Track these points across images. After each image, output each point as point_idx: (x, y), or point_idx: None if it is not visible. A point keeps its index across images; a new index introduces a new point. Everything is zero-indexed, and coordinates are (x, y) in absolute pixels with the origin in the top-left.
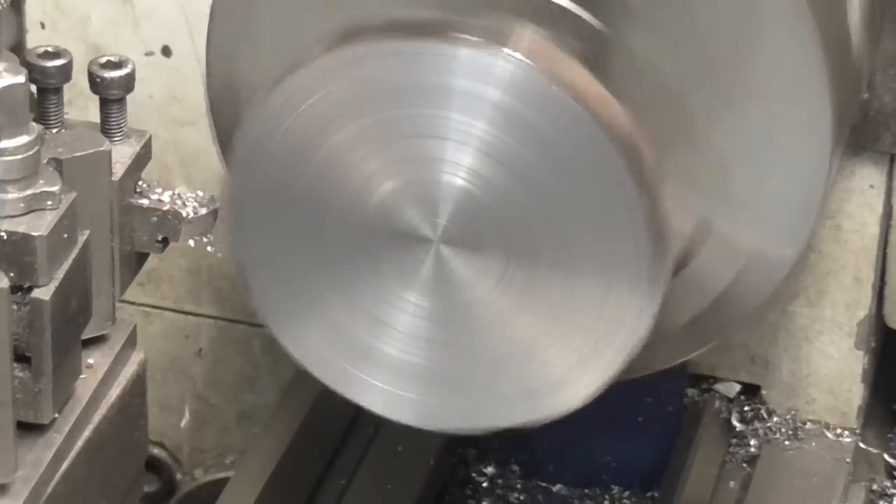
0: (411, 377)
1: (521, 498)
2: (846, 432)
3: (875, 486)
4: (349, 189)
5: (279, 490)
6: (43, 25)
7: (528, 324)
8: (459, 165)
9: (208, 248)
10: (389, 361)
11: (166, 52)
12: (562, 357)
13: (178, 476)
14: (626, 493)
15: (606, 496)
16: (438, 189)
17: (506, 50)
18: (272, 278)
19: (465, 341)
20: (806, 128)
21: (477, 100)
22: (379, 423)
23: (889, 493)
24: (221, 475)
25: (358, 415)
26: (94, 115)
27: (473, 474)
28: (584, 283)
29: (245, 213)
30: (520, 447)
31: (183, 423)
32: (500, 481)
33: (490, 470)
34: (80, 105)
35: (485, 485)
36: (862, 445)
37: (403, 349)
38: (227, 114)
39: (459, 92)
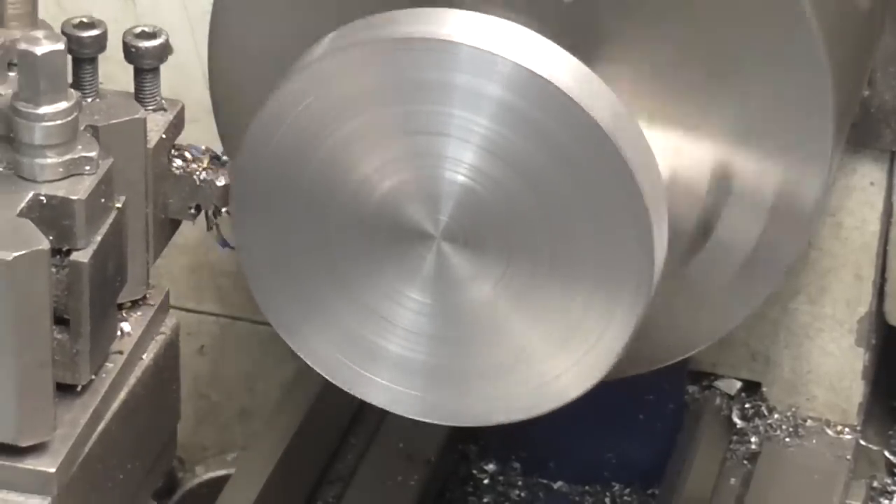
0: (413, 373)
1: (522, 495)
2: (847, 429)
3: (876, 483)
4: (351, 186)
5: (280, 487)
6: None
7: (528, 320)
8: (461, 162)
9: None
10: (391, 358)
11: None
12: (561, 353)
13: (180, 473)
14: (627, 490)
15: (607, 493)
16: (440, 186)
17: (507, 46)
18: (275, 276)
19: (466, 337)
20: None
21: (478, 96)
22: (380, 420)
23: (890, 490)
24: (223, 472)
25: (359, 412)
26: None
27: (474, 471)
28: (584, 279)
29: (248, 211)
30: (521, 444)
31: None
32: (501, 478)
33: (491, 467)
34: None
35: (486, 482)
36: (862, 442)
37: (405, 346)
38: (229, 112)
39: (461, 88)
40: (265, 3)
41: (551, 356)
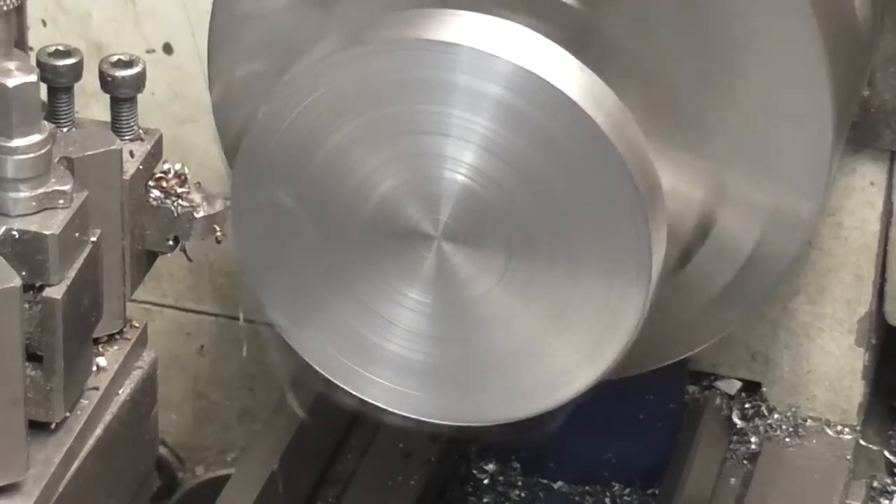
0: (413, 373)
1: (522, 495)
2: (847, 429)
3: (875, 483)
4: (351, 186)
5: (280, 487)
6: (44, 23)
7: (528, 320)
8: (461, 162)
9: (218, 234)
10: (391, 358)
11: (168, 49)
12: (561, 352)
13: (180, 473)
14: (627, 490)
15: (607, 493)
16: (440, 186)
17: (507, 47)
18: (276, 276)
19: (466, 337)
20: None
21: (478, 96)
22: (380, 420)
23: (890, 489)
24: (223, 472)
25: (359, 411)
26: (97, 113)
27: (474, 471)
28: (583, 278)
29: (248, 212)
30: (521, 444)
31: (183, 421)
32: (500, 478)
33: (491, 467)
34: (81, 103)
35: (486, 482)
36: (862, 442)
37: (405, 346)
38: (228, 111)
39: (461, 88)
40: (265, 2)
41: (551, 355)
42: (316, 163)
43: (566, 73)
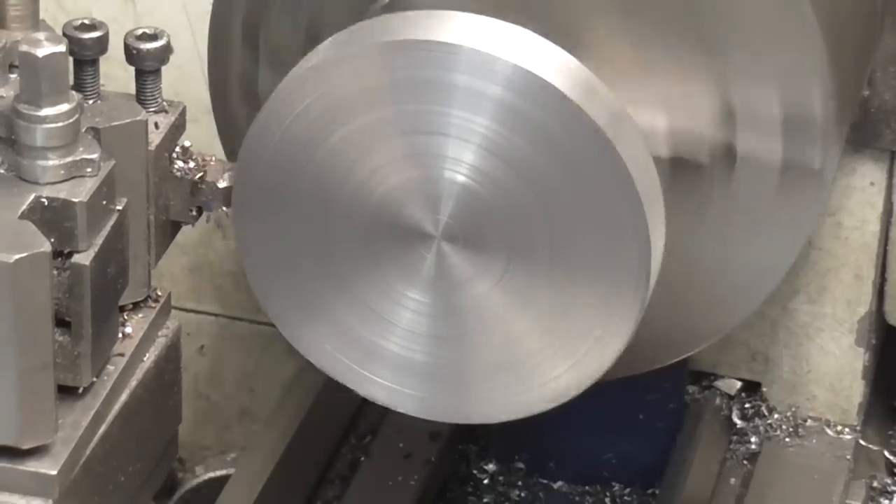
0: (413, 373)
1: (523, 495)
2: (847, 429)
3: (875, 483)
4: (351, 186)
5: (280, 487)
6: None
7: (528, 320)
8: (461, 162)
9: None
10: (391, 358)
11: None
12: (560, 352)
13: (180, 473)
14: (627, 490)
15: (607, 493)
16: (440, 186)
17: (507, 47)
18: (277, 276)
19: (465, 337)
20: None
21: (478, 96)
22: (380, 420)
23: (890, 490)
24: (222, 472)
25: (359, 411)
26: None
27: (475, 471)
28: (583, 278)
29: (249, 211)
30: (521, 444)
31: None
32: (501, 478)
33: (491, 467)
34: None
35: (486, 482)
36: (862, 442)
37: (405, 346)
38: (229, 111)
39: (461, 88)
40: (265, 2)
41: (551, 355)
42: (316, 163)
43: (565, 73)
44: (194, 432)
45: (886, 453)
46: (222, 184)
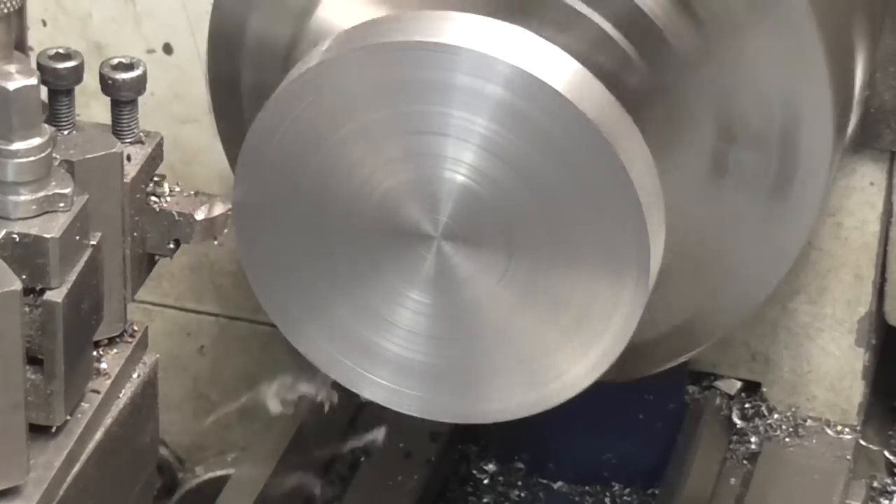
0: (413, 373)
1: (522, 495)
2: (847, 429)
3: (875, 483)
4: (351, 186)
5: (280, 488)
6: (44, 23)
7: (527, 319)
8: (461, 162)
9: (215, 243)
10: (392, 358)
11: (167, 49)
12: (561, 351)
13: (180, 473)
14: (627, 490)
15: (607, 493)
16: (440, 186)
17: (506, 48)
18: (278, 277)
19: (466, 337)
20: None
21: (478, 96)
22: (380, 420)
23: (890, 490)
24: (223, 472)
25: (359, 411)
26: (97, 114)
27: (474, 471)
28: (582, 277)
29: (249, 212)
30: (521, 444)
31: (183, 420)
32: (501, 478)
33: (491, 467)
34: (82, 103)
35: (486, 482)
36: (862, 442)
37: (406, 346)
38: (228, 111)
39: (460, 88)
40: (265, 2)
41: (552, 353)
42: (317, 163)
43: (565, 73)
44: (194, 432)
45: (886, 453)
46: (200, 216)
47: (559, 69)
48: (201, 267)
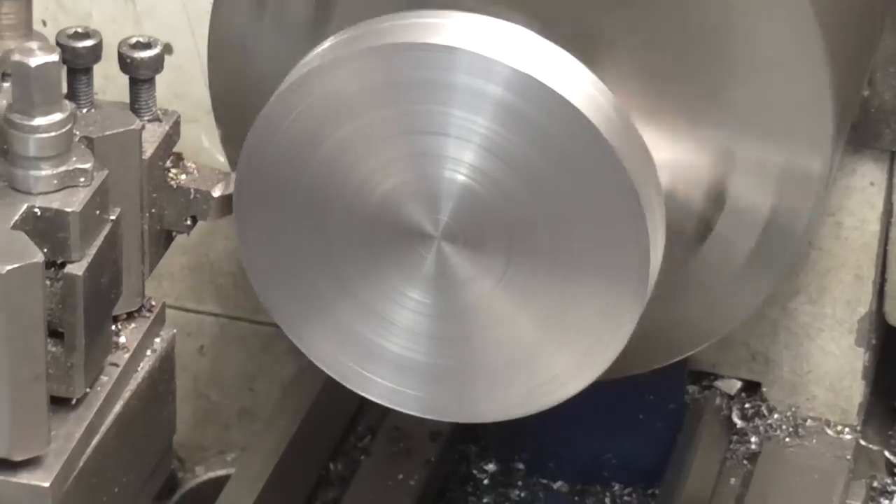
0: (413, 373)
1: (522, 495)
2: (847, 429)
3: (876, 483)
4: (352, 186)
5: (280, 487)
6: (44, 23)
7: (527, 319)
8: (461, 162)
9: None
10: (392, 358)
11: (167, 49)
12: (561, 351)
13: (180, 473)
14: (627, 490)
15: (607, 493)
16: (440, 186)
17: (506, 49)
18: (278, 277)
19: (466, 337)
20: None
21: (479, 96)
22: (380, 420)
23: (890, 490)
24: (222, 472)
25: (359, 412)
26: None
27: (474, 471)
28: (582, 278)
29: (250, 211)
30: (521, 444)
31: (183, 420)
32: (501, 478)
33: (491, 467)
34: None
35: (486, 482)
36: (862, 442)
37: (405, 346)
38: (229, 111)
39: (461, 88)
40: (265, 2)
41: (551, 354)
42: (316, 163)
43: (565, 74)
44: (194, 432)
45: (886, 453)
46: (217, 193)
47: (559, 70)
48: (201, 267)
